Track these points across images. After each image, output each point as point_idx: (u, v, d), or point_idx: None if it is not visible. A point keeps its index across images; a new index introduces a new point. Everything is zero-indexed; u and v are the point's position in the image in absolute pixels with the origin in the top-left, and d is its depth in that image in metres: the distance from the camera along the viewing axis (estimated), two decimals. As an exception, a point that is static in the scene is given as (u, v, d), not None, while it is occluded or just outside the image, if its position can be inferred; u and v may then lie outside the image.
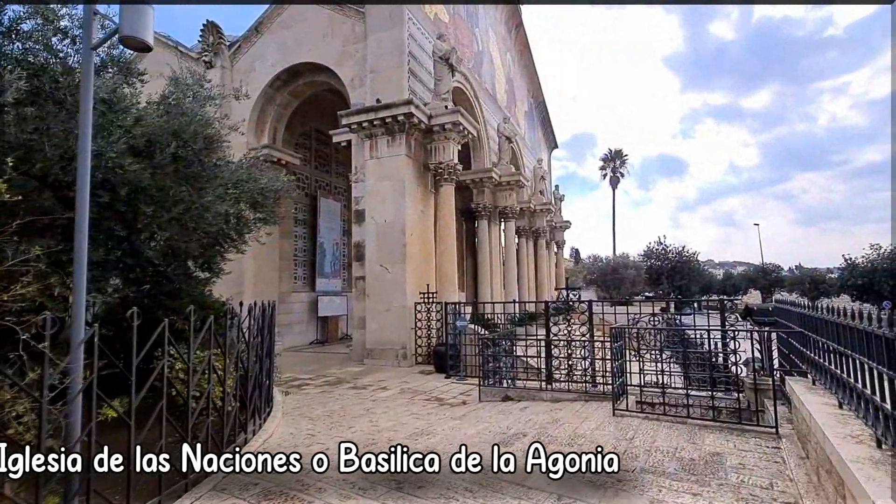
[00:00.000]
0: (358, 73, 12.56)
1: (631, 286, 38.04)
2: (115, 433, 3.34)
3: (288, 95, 14.69)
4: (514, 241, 19.13)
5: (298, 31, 13.69)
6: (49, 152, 3.89)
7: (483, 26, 19.02)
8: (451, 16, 15.40)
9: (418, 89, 12.42)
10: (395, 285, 11.18)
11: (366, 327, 11.45)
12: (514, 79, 24.16)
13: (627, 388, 6.36)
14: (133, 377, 3.17)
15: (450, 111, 11.60)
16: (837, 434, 3.01)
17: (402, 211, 11.28)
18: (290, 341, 15.40)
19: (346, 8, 12.93)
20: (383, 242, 11.41)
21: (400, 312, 11.06)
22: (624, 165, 54.31)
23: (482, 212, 17.52)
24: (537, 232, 23.86)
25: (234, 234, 5.79)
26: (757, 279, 53.44)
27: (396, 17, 11.91)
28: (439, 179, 12.19)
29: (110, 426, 3.37)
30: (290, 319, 15.61)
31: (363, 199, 11.93)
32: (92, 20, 3.41)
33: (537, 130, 29.60)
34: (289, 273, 15.77)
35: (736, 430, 4.98)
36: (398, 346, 10.99)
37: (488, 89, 19.04)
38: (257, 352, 5.16)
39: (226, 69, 14.54)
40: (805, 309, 4.85)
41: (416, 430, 5.58)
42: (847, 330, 3.17)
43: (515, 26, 24.20)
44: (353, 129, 11.87)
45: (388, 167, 11.50)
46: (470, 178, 17.28)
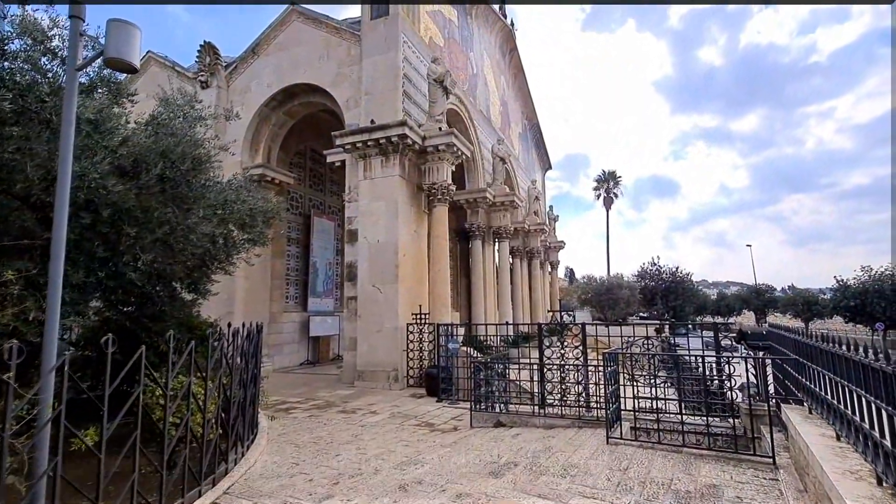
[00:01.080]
0: (353, 94, 12.65)
1: (625, 307, 37.93)
2: (90, 462, 3.17)
3: (283, 115, 14.76)
4: (508, 261, 19.09)
5: (295, 53, 13.84)
6: (30, 172, 3.81)
7: (478, 50, 19.35)
8: (447, 39, 15.65)
9: (413, 111, 12.51)
10: (387, 306, 11.05)
11: (357, 349, 11.26)
12: (509, 101, 24.50)
13: (622, 414, 6.22)
14: (105, 407, 3.03)
15: (444, 133, 11.67)
16: (836, 469, 2.91)
17: (395, 231, 11.22)
18: (280, 362, 15.13)
19: (342, 31, 13.11)
20: (376, 263, 11.31)
21: (392, 334, 10.90)
22: (617, 186, 54.82)
23: (476, 232, 17.51)
24: (531, 252, 23.87)
25: (222, 256, 5.69)
26: (750, 300, 53.57)
27: (392, 41, 12.07)
28: (433, 200, 12.18)
29: (85, 454, 3.22)
30: (281, 340, 15.37)
31: (356, 219, 11.88)
32: (78, 41, 3.38)
33: (531, 151, 29.91)
34: (280, 293, 15.58)
35: (732, 460, 4.85)
36: (389, 368, 10.79)
37: (482, 111, 19.25)
38: (241, 377, 5.01)
39: (221, 89, 14.61)
40: (800, 336, 4.78)
41: (405, 458, 5.41)
42: (844, 360, 3.10)
43: (510, 50, 24.66)
44: (348, 150, 11.89)
45: (382, 188, 11.49)
46: (464, 199, 17.33)
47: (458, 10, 17.08)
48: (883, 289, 34.07)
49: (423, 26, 13.76)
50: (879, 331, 34.53)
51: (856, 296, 36.11)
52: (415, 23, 13.09)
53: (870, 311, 34.69)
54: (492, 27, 21.65)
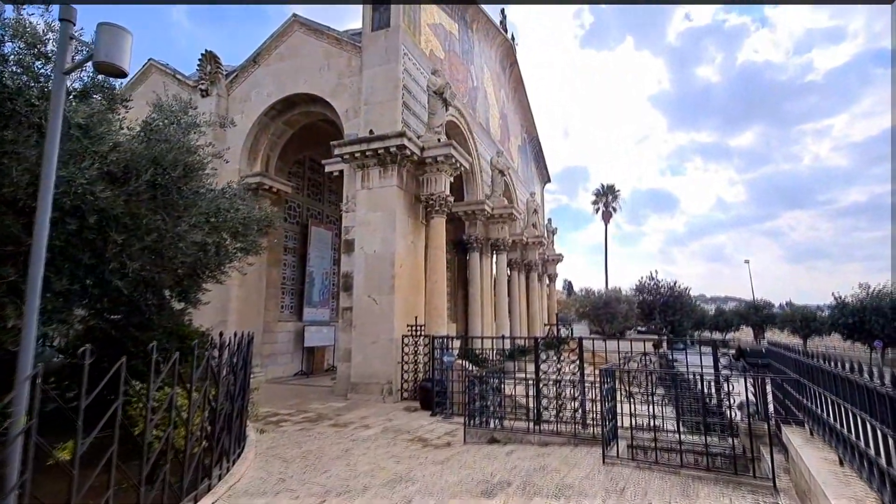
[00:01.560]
0: (353, 104, 12.67)
1: (623, 321, 37.72)
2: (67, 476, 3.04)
3: (283, 125, 14.77)
4: (505, 273, 18.98)
5: (295, 63, 13.88)
6: (17, 177, 3.73)
7: (478, 63, 19.47)
8: (447, 52, 15.74)
9: (412, 122, 12.52)
10: (382, 317, 10.93)
11: (351, 360, 11.10)
12: (508, 114, 24.61)
13: (619, 432, 6.08)
14: (80, 419, 2.91)
15: (442, 144, 11.66)
16: (840, 496, 2.80)
17: (391, 242, 11.14)
18: (274, 372, 14.94)
19: (343, 42, 13.17)
20: (372, 273, 11.21)
21: (386, 345, 10.76)
22: (616, 200, 54.94)
23: (474, 244, 17.44)
24: (529, 265, 23.78)
25: (213, 264, 5.59)
26: (748, 315, 53.36)
27: (392, 52, 12.11)
28: (430, 211, 12.13)
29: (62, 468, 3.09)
30: (275, 349, 15.19)
31: (353, 230, 11.80)
32: (68, 45, 3.33)
33: (530, 165, 29.99)
34: (276, 302, 15.44)
35: (731, 483, 4.72)
36: (384, 380, 10.63)
37: (482, 123, 19.31)
38: (229, 388, 4.88)
39: (221, 97, 14.63)
40: (800, 354, 4.68)
41: (395, 475, 5.26)
42: (847, 382, 3.00)
43: (510, 64, 24.84)
44: (346, 160, 11.86)
45: (379, 198, 11.44)
46: (462, 210, 17.29)
47: (459, 23, 17.22)
48: (881, 306, 33.97)
49: (424, 38, 13.84)
50: (878, 348, 34.36)
51: (854, 313, 36.01)
52: (415, 34, 13.17)
53: (868, 329, 34.56)
54: (492, 41, 21.83)
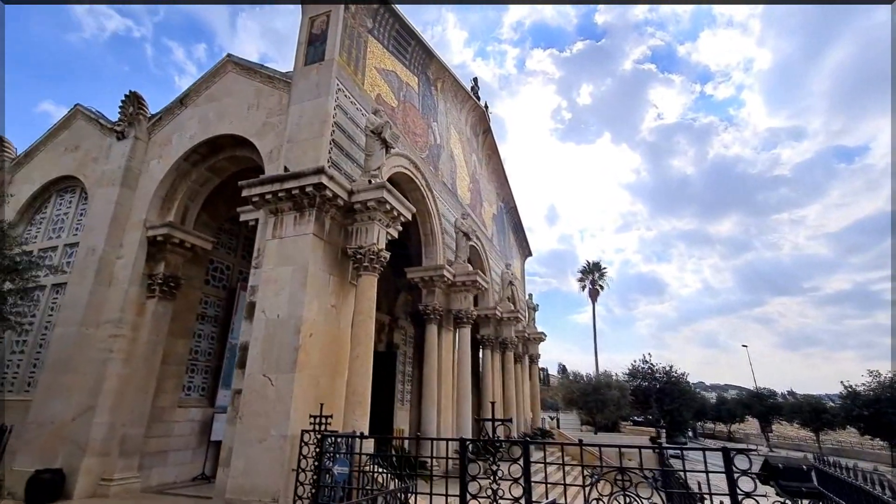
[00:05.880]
0: (277, 145, 10.84)
1: (615, 409, 33.92)
2: None
3: (206, 172, 12.86)
4: (468, 351, 16.22)
5: (224, 104, 12.31)
6: None
7: (443, 122, 18.30)
8: (401, 101, 14.40)
9: (347, 167, 10.65)
10: (278, 403, 8.13)
11: (231, 464, 8.12)
12: (481, 181, 23.28)
13: None
14: None
15: (373, 186, 9.63)
16: None
17: (300, 304, 8.67)
18: (162, 476, 11.60)
19: (276, 80, 11.68)
20: (271, 344, 8.60)
21: (279, 445, 7.85)
22: (603, 278, 53.15)
23: (431, 314, 14.92)
24: (505, 342, 21.03)
25: None
26: (752, 405, 49.41)
27: (324, 87, 10.52)
28: (359, 268, 9.79)
29: None
30: (168, 445, 11.94)
31: (258, 289, 9.37)
32: None
33: (509, 236, 28.30)
34: (176, 382, 12.43)
35: None
36: (269, 497, 7.59)
37: (446, 183, 17.68)
38: None
39: (140, 140, 12.86)
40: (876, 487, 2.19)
41: None
42: None
43: (483, 131, 24.00)
44: (257, 204, 9.75)
45: (291, 249, 9.16)
46: (419, 276, 15.01)
47: (420, 78, 16.16)
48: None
49: (370, 81, 12.45)
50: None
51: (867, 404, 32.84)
52: (357, 73, 11.74)
53: (886, 422, 31.21)
54: (462, 104, 20.99)
